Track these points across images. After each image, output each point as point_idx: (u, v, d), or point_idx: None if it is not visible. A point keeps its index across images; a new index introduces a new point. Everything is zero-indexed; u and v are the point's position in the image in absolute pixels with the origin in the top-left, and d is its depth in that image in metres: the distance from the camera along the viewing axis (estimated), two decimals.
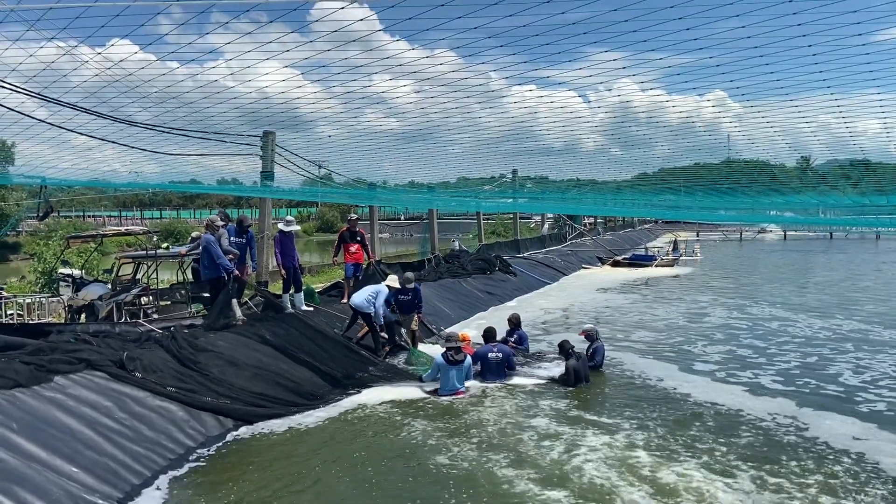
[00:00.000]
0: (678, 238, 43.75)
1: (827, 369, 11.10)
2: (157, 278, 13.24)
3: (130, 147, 13.43)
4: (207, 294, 11.21)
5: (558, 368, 10.41)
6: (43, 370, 7.26)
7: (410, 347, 11.51)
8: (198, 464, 7.02)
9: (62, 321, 13.02)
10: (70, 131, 12.15)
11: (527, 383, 10.07)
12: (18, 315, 14.48)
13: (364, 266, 14.21)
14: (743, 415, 8.65)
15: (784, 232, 54.21)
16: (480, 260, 22.58)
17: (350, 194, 21.04)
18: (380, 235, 22.98)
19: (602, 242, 38.99)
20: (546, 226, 41.76)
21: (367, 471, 6.84)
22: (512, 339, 11.90)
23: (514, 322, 12.30)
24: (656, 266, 30.01)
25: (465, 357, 9.87)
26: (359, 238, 14.03)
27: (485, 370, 10.18)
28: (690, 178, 24.62)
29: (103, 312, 11.67)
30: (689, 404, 9.18)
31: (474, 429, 8.08)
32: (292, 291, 12.29)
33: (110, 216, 74.35)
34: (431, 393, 9.51)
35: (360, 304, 11.13)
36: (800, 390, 9.84)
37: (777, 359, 11.89)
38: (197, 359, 8.77)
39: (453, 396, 9.37)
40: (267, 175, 13.50)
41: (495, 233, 44.43)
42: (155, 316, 11.92)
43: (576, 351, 10.51)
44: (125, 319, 11.40)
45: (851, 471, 6.76)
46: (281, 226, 12.58)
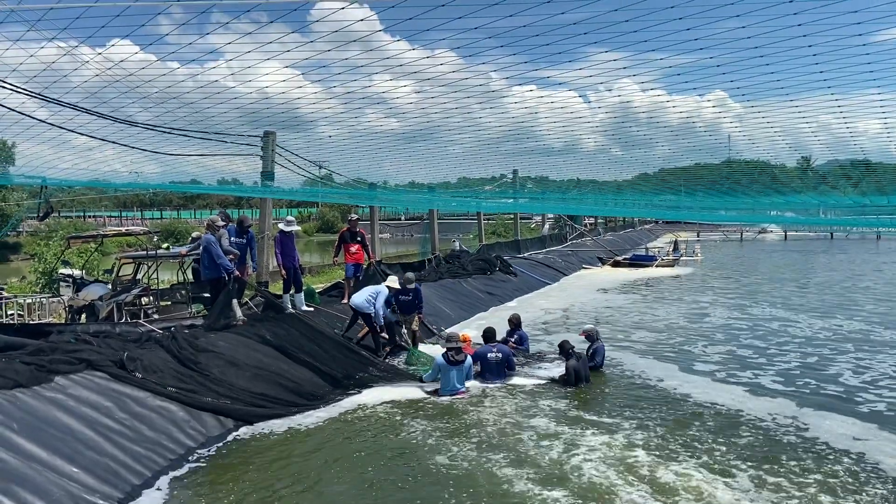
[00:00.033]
0: (679, 238, 43.78)
1: (827, 369, 11.10)
2: (158, 278, 13.25)
3: (131, 147, 13.46)
4: (208, 294, 11.22)
5: (558, 369, 10.43)
6: (43, 370, 7.26)
7: (410, 347, 11.52)
8: (198, 464, 7.03)
9: (62, 321, 13.04)
10: (70, 131, 12.17)
11: (527, 383, 10.07)
12: (19, 315, 14.50)
13: (364, 266, 14.23)
14: (743, 415, 8.65)
15: (785, 232, 54.22)
16: (481, 260, 22.59)
17: (350, 194, 21.06)
18: (380, 236, 22.98)
19: (602, 243, 38.99)
20: (546, 226, 41.70)
21: (367, 471, 6.85)
22: (512, 340, 11.92)
23: (515, 322, 12.32)
24: (657, 266, 30.01)
25: (466, 357, 9.87)
26: (359, 238, 14.04)
27: (484, 370, 10.19)
28: (691, 179, 24.63)
29: (104, 313, 11.68)
30: (689, 404, 9.18)
31: (474, 429, 8.08)
32: (293, 292, 12.31)
33: (111, 216, 74.52)
34: (432, 393, 9.52)
35: (361, 305, 11.14)
36: (800, 390, 9.84)
37: (777, 359, 11.89)
38: (197, 359, 8.77)
39: (453, 397, 9.38)
40: (267, 175, 13.50)
41: (496, 233, 44.44)
42: (155, 316, 11.93)
43: (576, 351, 10.51)
44: (125, 320, 11.41)
45: (851, 470, 6.76)
46: (281, 226, 12.60)
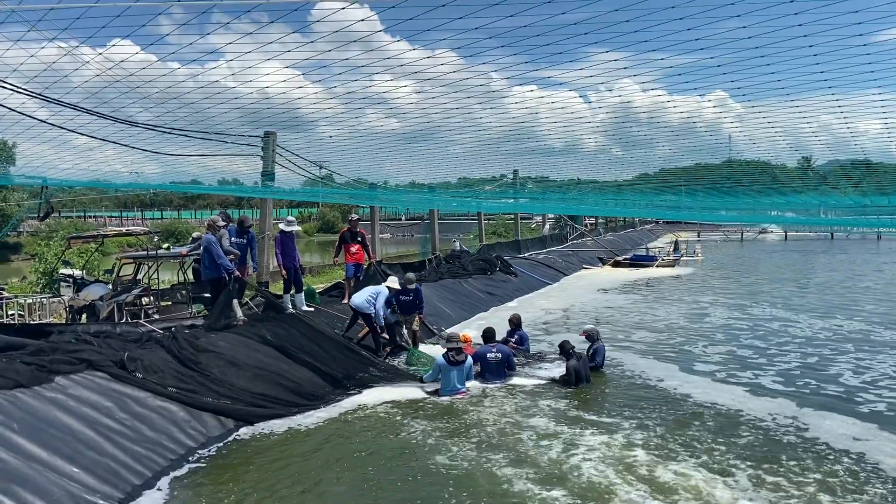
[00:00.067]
0: (679, 238, 43.79)
1: (827, 370, 11.09)
2: (158, 279, 13.26)
3: (131, 147, 13.44)
4: (208, 294, 11.22)
5: (559, 369, 10.43)
6: (44, 370, 7.27)
7: (410, 348, 11.52)
8: (198, 464, 7.04)
9: (63, 321, 13.05)
10: (71, 132, 12.15)
11: (527, 384, 10.07)
12: (19, 315, 14.50)
13: (365, 266, 14.23)
14: (743, 415, 8.65)
15: (785, 232, 54.21)
16: (481, 260, 22.59)
17: (351, 195, 21.06)
18: (381, 236, 22.98)
19: (603, 243, 38.99)
20: (547, 226, 41.69)
21: (368, 471, 6.86)
22: (513, 340, 11.92)
23: (515, 322, 12.32)
24: (657, 266, 30.01)
25: (467, 358, 9.88)
26: (360, 238, 14.05)
27: (484, 371, 10.19)
28: (691, 179, 24.62)
29: (104, 313, 11.69)
30: (689, 404, 9.19)
31: (474, 429, 8.09)
32: (293, 292, 12.32)
33: (111, 216, 74.54)
34: (432, 393, 9.52)
35: (361, 305, 11.15)
36: (800, 391, 9.84)
37: (777, 359, 11.88)
38: (198, 359, 8.78)
39: (454, 397, 9.38)
40: (268, 175, 13.50)
41: (496, 233, 44.43)
42: (156, 316, 11.94)
43: (576, 351, 10.51)
44: (126, 320, 11.42)
45: (851, 470, 6.76)
46: (282, 226, 12.61)
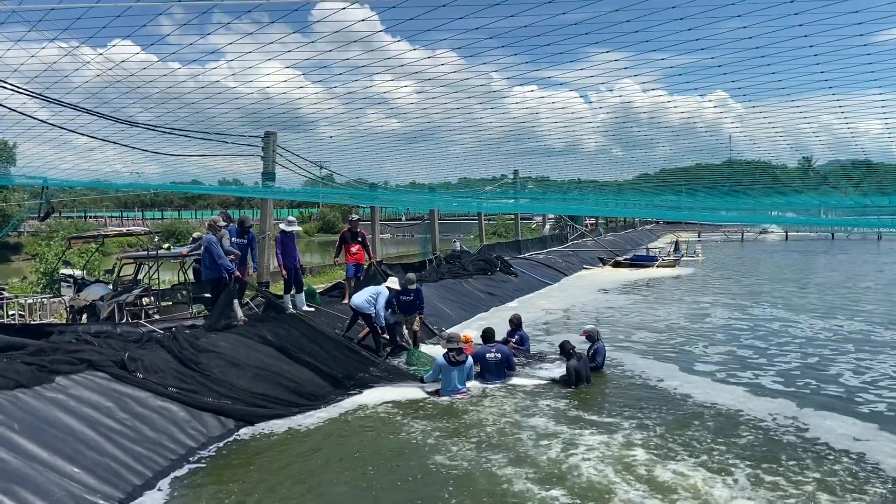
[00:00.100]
0: (679, 239, 43.72)
1: (828, 370, 11.09)
2: (159, 279, 13.28)
3: (132, 148, 13.42)
4: (209, 294, 11.23)
5: (559, 369, 10.43)
6: (44, 371, 7.28)
7: (411, 348, 11.52)
8: (199, 464, 7.04)
9: (64, 322, 13.06)
10: (71, 132, 12.14)
11: (527, 384, 10.08)
12: (20, 315, 14.51)
13: (365, 267, 14.24)
14: (743, 415, 8.65)
15: (786, 232, 54.18)
16: (481, 260, 22.59)
17: (351, 195, 21.05)
18: (381, 236, 22.97)
19: (603, 243, 38.98)
20: (547, 226, 41.69)
21: (368, 471, 6.87)
22: (513, 340, 11.92)
23: (516, 323, 12.32)
24: (657, 267, 30.00)
25: (467, 358, 9.88)
26: (360, 239, 14.06)
27: (484, 371, 10.19)
28: (692, 179, 24.62)
29: (105, 313, 11.70)
30: (689, 404, 9.19)
31: (474, 429, 8.09)
32: (293, 292, 12.32)
33: (112, 217, 74.55)
34: (432, 394, 9.53)
35: (361, 305, 11.15)
36: (800, 391, 9.84)
37: (778, 359, 11.88)
38: (198, 359, 8.79)
39: (454, 397, 9.39)
40: (268, 176, 13.49)
41: (496, 233, 44.40)
42: (156, 316, 11.95)
43: (577, 351, 10.51)
44: (126, 320, 11.43)
45: (851, 470, 6.76)
46: (282, 226, 12.62)
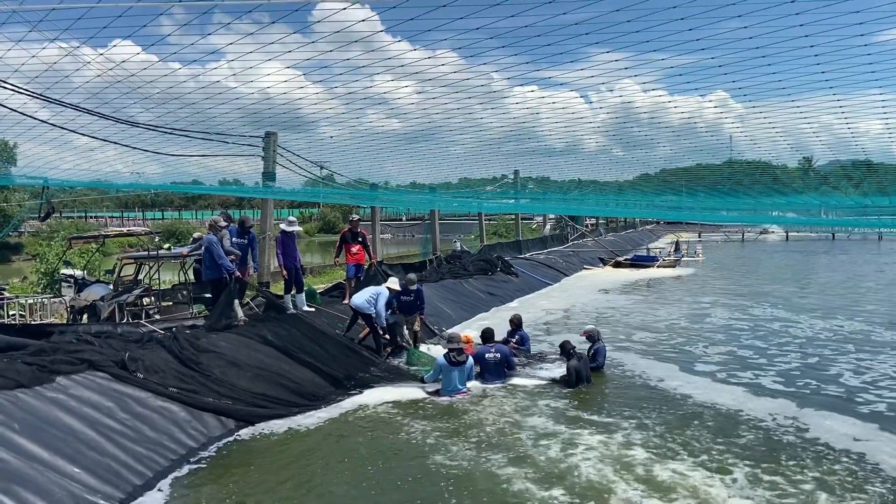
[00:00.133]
0: (680, 239, 43.69)
1: (828, 370, 11.09)
2: (159, 279, 13.29)
3: (132, 148, 13.41)
4: (209, 295, 11.24)
5: (560, 369, 10.43)
6: (45, 371, 7.29)
7: (411, 348, 11.53)
8: (199, 464, 7.05)
9: (64, 322, 13.06)
10: (72, 132, 12.13)
11: (528, 384, 10.08)
12: (21, 316, 14.52)
13: (366, 267, 14.25)
14: (743, 415, 8.65)
15: (786, 233, 54.15)
16: (482, 261, 22.58)
17: (352, 195, 21.04)
18: (381, 236, 22.97)
19: (604, 243, 38.97)
20: (548, 226, 41.72)
21: (368, 470, 6.87)
22: (513, 340, 11.92)
23: (516, 323, 12.32)
24: (658, 267, 29.99)
25: (468, 358, 9.89)
26: (360, 239, 14.07)
27: (483, 371, 10.19)
28: (692, 179, 24.61)
29: (105, 313, 11.71)
30: (689, 404, 9.19)
31: (474, 428, 8.10)
32: (294, 292, 12.33)
33: (112, 217, 74.55)
34: (433, 394, 9.53)
35: (361, 305, 11.16)
36: (800, 391, 9.85)
37: (778, 359, 11.88)
38: (199, 359, 8.79)
39: (455, 397, 9.39)
40: (269, 176, 13.49)
41: (497, 233, 44.37)
42: (157, 317, 11.96)
43: (577, 352, 10.52)
44: (127, 320, 11.44)
45: (850, 470, 6.77)
46: (283, 226, 12.63)
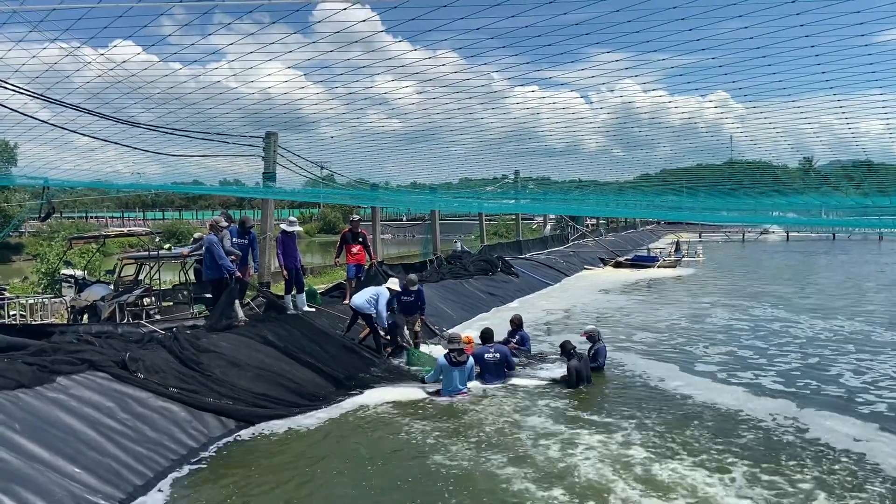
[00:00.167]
0: (680, 239, 43.68)
1: (828, 370, 11.09)
2: (160, 279, 13.29)
3: (133, 148, 13.42)
4: (210, 295, 11.25)
5: (560, 369, 10.43)
6: (45, 371, 7.29)
7: (411, 348, 11.53)
8: (200, 465, 7.05)
9: (65, 322, 13.07)
10: (73, 132, 12.15)
11: (528, 384, 10.09)
12: (21, 316, 14.53)
13: (366, 267, 14.25)
14: (743, 415, 8.65)
15: (787, 233, 54.14)
16: (482, 261, 22.59)
17: (352, 195, 21.04)
18: (382, 236, 22.97)
19: (604, 243, 38.97)
20: (548, 227, 41.73)
21: (368, 470, 6.88)
22: (514, 341, 11.92)
23: (516, 323, 12.32)
24: (658, 267, 29.99)
25: (468, 358, 9.89)
26: (361, 239, 14.07)
27: (483, 371, 10.20)
28: (693, 180, 24.61)
29: (106, 313, 11.72)
30: (689, 405, 9.19)
31: (473, 429, 8.11)
32: (294, 292, 12.33)
33: (113, 217, 74.61)
34: (433, 394, 9.53)
35: (361, 306, 11.16)
36: (801, 391, 9.84)
37: (778, 360, 11.88)
38: (199, 359, 8.80)
39: (455, 397, 9.39)
40: (269, 176, 13.51)
41: (497, 234, 44.35)
42: (157, 317, 11.97)
43: (577, 352, 10.52)
44: (128, 320, 11.44)
45: (850, 470, 6.77)
46: (283, 226, 12.63)
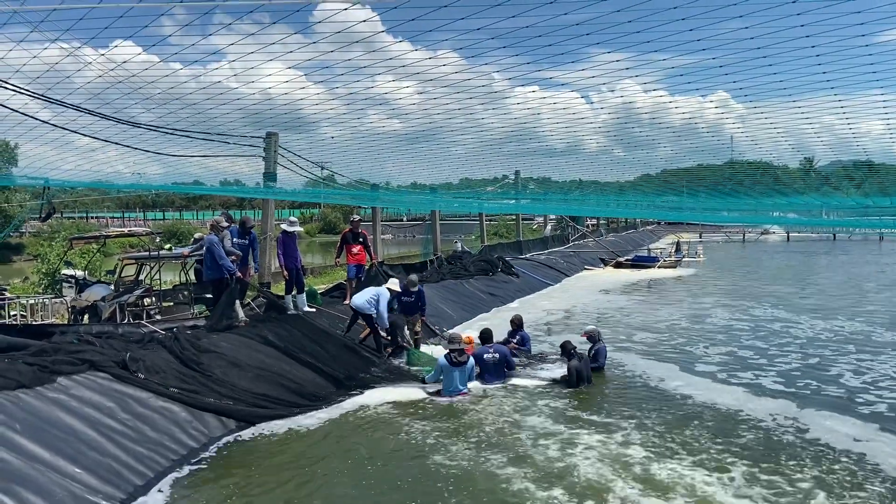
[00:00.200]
0: (681, 239, 43.66)
1: (828, 370, 11.09)
2: (160, 279, 13.30)
3: (133, 148, 13.43)
4: (210, 295, 11.26)
5: (560, 369, 10.43)
6: (46, 371, 7.30)
7: (411, 348, 11.54)
8: (200, 465, 7.06)
9: (65, 322, 13.08)
10: (73, 132, 12.16)
11: (528, 384, 10.09)
12: (22, 316, 14.52)
13: (366, 267, 14.26)
14: (743, 415, 8.66)
15: (787, 233, 54.11)
16: (483, 261, 22.58)
17: (353, 195, 21.06)
18: (382, 236, 22.98)
19: (604, 244, 38.95)
20: (548, 227, 41.72)
21: (368, 471, 6.88)
22: (514, 341, 11.92)
23: (517, 323, 12.32)
24: (659, 267, 29.97)
25: (469, 358, 9.89)
26: (361, 239, 14.08)
27: (483, 371, 10.20)
28: (693, 180, 24.61)
29: (106, 313, 11.72)
30: (689, 405, 9.19)
31: (473, 429, 8.11)
32: (295, 292, 12.34)
33: (113, 217, 74.59)
34: (434, 394, 9.54)
35: (361, 306, 11.16)
36: (801, 391, 9.84)
37: (778, 360, 11.88)
38: (200, 360, 8.80)
39: (455, 397, 9.40)
40: (270, 176, 13.52)
41: (498, 234, 44.33)
42: (158, 317, 11.97)
43: (578, 352, 10.52)
44: (128, 320, 11.45)
45: (850, 470, 6.77)
46: (284, 226, 12.64)
